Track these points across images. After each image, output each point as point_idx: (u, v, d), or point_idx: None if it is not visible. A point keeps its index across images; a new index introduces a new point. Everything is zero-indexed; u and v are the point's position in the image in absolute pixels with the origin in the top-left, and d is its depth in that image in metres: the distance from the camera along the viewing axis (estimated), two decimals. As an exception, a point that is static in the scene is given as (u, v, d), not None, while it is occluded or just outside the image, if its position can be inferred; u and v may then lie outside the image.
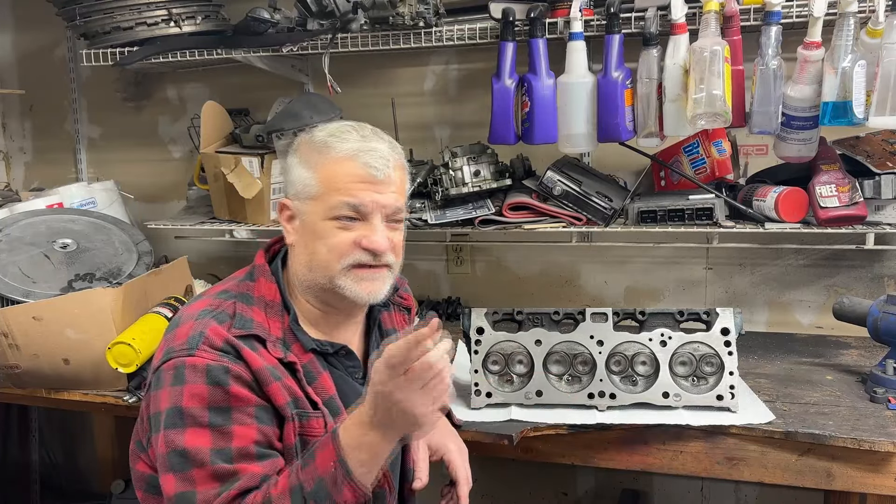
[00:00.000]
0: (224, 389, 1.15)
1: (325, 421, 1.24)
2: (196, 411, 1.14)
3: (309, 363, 1.27)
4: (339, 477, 1.11)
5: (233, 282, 1.33)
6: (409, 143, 2.39)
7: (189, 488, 1.13)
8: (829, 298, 2.24)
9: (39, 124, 3.07)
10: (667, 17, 1.79)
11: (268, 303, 1.28)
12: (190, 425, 1.14)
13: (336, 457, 1.11)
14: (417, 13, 1.95)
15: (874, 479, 1.52)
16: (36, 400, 2.08)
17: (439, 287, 2.61)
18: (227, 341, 1.19)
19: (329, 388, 1.28)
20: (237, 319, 1.23)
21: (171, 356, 1.19)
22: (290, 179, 1.31)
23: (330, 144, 1.27)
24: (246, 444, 1.16)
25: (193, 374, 1.16)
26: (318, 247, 1.26)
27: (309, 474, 1.12)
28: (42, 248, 2.10)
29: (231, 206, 2.33)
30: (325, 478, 1.11)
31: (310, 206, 1.27)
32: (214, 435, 1.14)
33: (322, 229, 1.25)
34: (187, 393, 1.15)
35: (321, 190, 1.25)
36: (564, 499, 2.61)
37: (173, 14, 2.21)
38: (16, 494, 3.07)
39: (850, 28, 1.66)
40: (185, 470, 1.13)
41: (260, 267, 1.33)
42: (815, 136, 1.81)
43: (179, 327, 1.23)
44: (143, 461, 1.30)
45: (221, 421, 1.15)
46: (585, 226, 2.03)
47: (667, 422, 1.57)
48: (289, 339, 1.27)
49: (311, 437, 1.22)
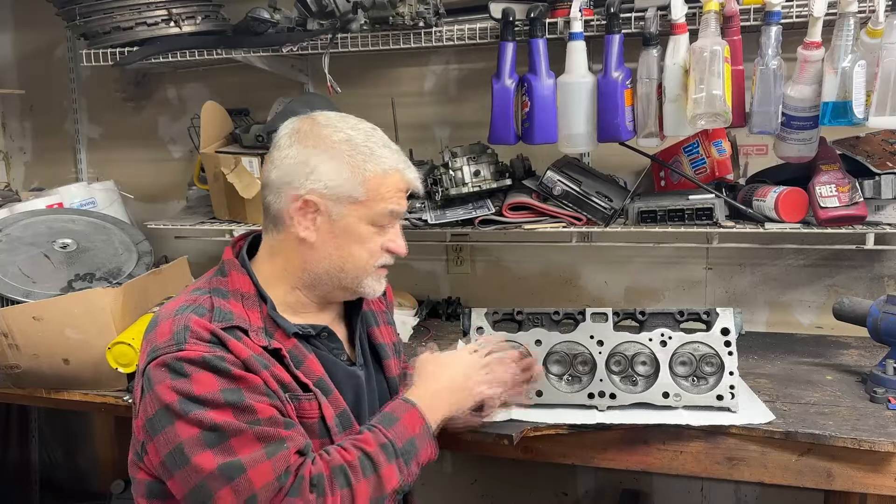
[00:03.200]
0: (229, 374, 1.16)
1: (318, 402, 1.25)
2: (211, 396, 1.14)
3: (293, 348, 1.28)
4: (427, 436, 1.30)
5: (204, 280, 1.34)
6: (409, 143, 2.39)
7: (231, 457, 1.11)
8: (829, 298, 2.24)
9: (39, 124, 3.07)
10: (667, 17, 1.79)
11: (243, 294, 1.29)
12: (210, 407, 1.13)
13: (423, 420, 1.30)
14: (417, 13, 1.95)
15: (874, 479, 1.52)
16: (36, 400, 2.08)
17: (439, 287, 2.61)
18: (213, 333, 1.19)
19: (317, 370, 1.29)
20: (216, 313, 1.23)
21: (158, 354, 1.17)
22: (317, 172, 1.26)
23: (375, 153, 1.30)
24: (272, 414, 1.17)
25: (192, 366, 1.15)
26: (356, 250, 1.31)
27: (398, 433, 1.25)
28: (42, 248, 2.11)
29: (231, 206, 2.33)
30: (415, 437, 1.27)
31: (350, 210, 1.28)
32: (237, 412, 1.14)
33: (365, 233, 1.30)
34: (196, 382, 1.14)
35: (367, 196, 1.28)
36: (564, 499, 2.61)
37: (173, 14, 2.21)
38: (16, 494, 3.07)
39: (850, 28, 1.66)
40: (223, 441, 1.12)
41: (229, 261, 1.33)
42: (815, 136, 1.81)
43: (159, 326, 1.22)
44: (142, 470, 1.26)
45: (238, 399, 1.15)
46: (585, 226, 2.03)
47: (667, 422, 1.57)
48: (270, 327, 1.27)
49: (305, 419, 1.23)
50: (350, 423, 1.30)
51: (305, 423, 1.23)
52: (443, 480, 2.71)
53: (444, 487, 2.71)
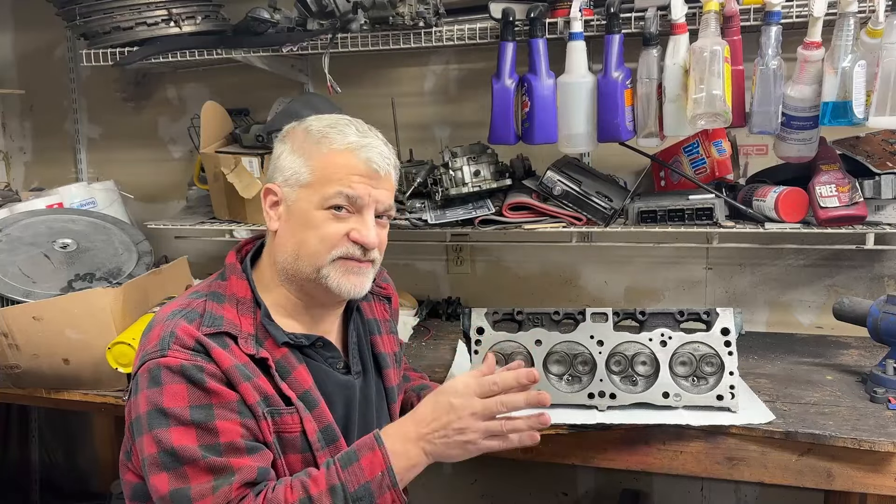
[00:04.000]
0: (202, 387, 1.15)
1: (299, 417, 1.23)
2: (178, 411, 1.14)
3: (283, 358, 1.26)
4: (386, 483, 1.16)
5: (205, 283, 1.34)
6: (409, 143, 2.39)
7: (183, 484, 1.13)
8: (829, 298, 2.24)
9: (39, 124, 3.07)
10: (667, 17, 1.79)
11: (239, 299, 1.28)
12: (174, 425, 1.14)
13: (385, 465, 1.16)
14: (417, 13, 1.95)
15: (874, 479, 1.52)
16: (36, 400, 2.08)
17: (439, 287, 2.61)
18: (198, 340, 1.18)
19: (305, 381, 1.27)
20: (206, 317, 1.22)
21: (145, 359, 1.19)
22: (279, 166, 1.30)
23: (328, 135, 1.27)
24: (233, 439, 1.16)
25: (169, 374, 1.15)
26: (308, 236, 1.26)
27: (353, 476, 1.15)
28: (42, 248, 2.11)
29: (231, 206, 2.33)
30: (370, 482, 1.15)
31: (301, 194, 1.27)
32: (199, 432, 1.14)
33: (314, 218, 1.26)
34: (167, 393, 1.15)
35: (315, 178, 1.26)
36: (564, 499, 2.61)
37: (173, 14, 2.21)
38: (16, 494, 3.07)
39: (850, 28, 1.66)
40: (177, 467, 1.13)
41: (231, 266, 1.33)
42: (815, 136, 1.81)
43: (152, 330, 1.23)
44: (130, 471, 1.29)
45: (204, 417, 1.15)
46: (585, 226, 2.03)
47: (667, 422, 1.57)
48: (261, 334, 1.26)
49: (286, 433, 1.22)
50: (335, 438, 1.27)
51: (286, 437, 1.22)
52: (443, 480, 2.71)
53: (444, 487, 2.71)
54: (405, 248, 2.53)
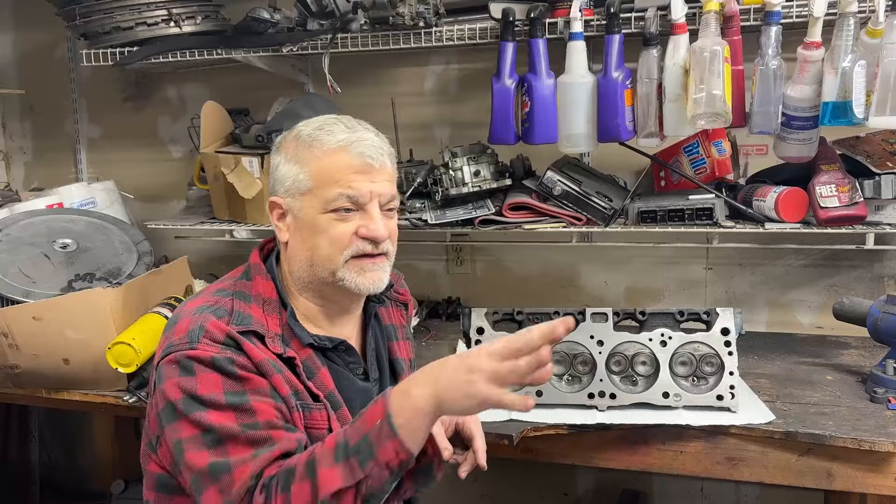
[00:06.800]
0: (235, 376, 1.16)
1: (328, 414, 1.24)
2: (213, 396, 1.14)
3: (307, 359, 1.27)
4: (385, 432, 1.07)
5: (229, 281, 1.34)
6: (409, 143, 2.39)
7: (222, 458, 1.12)
8: (829, 298, 2.23)
9: (39, 124, 3.07)
10: (667, 17, 1.79)
11: (265, 300, 1.28)
12: (211, 408, 1.14)
13: (384, 413, 1.08)
14: (417, 13, 1.95)
15: (874, 479, 1.52)
16: (36, 400, 2.08)
17: (439, 287, 2.61)
18: (228, 335, 1.19)
19: (328, 384, 1.28)
20: (235, 316, 1.23)
21: (171, 350, 1.19)
22: (277, 178, 1.30)
23: (318, 138, 1.27)
24: (270, 418, 1.16)
25: (201, 365, 1.16)
26: (318, 241, 1.26)
27: (354, 430, 1.10)
28: (42, 248, 2.10)
29: (231, 206, 2.33)
30: (369, 432, 1.08)
31: (303, 202, 1.26)
32: (237, 413, 1.14)
33: (321, 223, 1.25)
34: (201, 381, 1.15)
35: (314, 183, 1.25)
36: (564, 499, 2.61)
37: (173, 14, 2.21)
38: (16, 494, 3.07)
39: (850, 28, 1.66)
40: (218, 443, 1.13)
41: (256, 265, 1.33)
42: (815, 136, 1.81)
43: (178, 323, 1.23)
44: (154, 461, 1.28)
45: (240, 401, 1.15)
46: (585, 226, 2.03)
47: (667, 422, 1.57)
48: (287, 334, 1.27)
49: (314, 429, 1.22)
50: None
51: (314, 433, 1.22)
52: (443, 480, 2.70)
53: (445, 487, 2.70)
54: (405, 249, 2.50)
